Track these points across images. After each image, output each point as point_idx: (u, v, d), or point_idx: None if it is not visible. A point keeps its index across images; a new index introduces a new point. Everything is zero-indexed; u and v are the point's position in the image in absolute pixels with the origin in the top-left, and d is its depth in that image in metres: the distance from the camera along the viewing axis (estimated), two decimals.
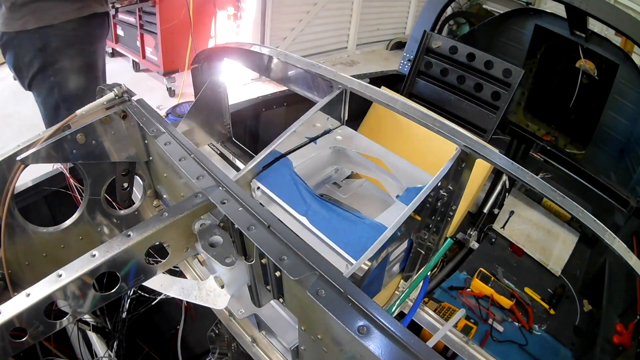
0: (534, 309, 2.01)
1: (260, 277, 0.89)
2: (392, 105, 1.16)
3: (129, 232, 0.81)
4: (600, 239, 0.98)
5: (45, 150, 1.06)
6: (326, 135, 1.36)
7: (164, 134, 1.08)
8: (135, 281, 0.86)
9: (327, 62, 6.47)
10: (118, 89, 1.17)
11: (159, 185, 1.34)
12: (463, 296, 1.98)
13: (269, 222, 0.83)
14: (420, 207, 1.00)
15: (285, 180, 1.18)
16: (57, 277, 0.74)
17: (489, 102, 2.38)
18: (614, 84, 2.59)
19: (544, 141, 2.63)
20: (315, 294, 0.70)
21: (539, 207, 2.63)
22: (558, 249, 2.40)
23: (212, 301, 0.94)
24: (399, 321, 0.70)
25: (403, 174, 1.27)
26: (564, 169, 2.45)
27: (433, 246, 1.20)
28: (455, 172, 1.05)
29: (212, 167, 0.96)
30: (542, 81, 3.11)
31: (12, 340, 0.72)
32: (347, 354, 0.72)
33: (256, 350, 1.17)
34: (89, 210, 1.29)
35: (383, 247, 0.92)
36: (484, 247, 2.33)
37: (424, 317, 1.32)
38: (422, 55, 2.60)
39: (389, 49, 7.53)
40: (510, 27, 3.02)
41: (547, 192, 0.98)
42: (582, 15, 2.38)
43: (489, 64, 2.35)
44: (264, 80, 5.26)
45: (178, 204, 0.87)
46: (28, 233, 1.19)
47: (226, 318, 1.23)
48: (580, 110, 2.96)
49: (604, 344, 1.65)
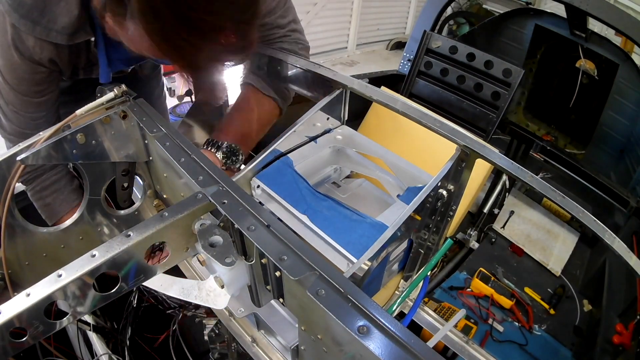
0: (534, 309, 2.01)
1: (260, 277, 0.89)
2: (392, 105, 1.16)
3: (129, 232, 0.81)
4: (600, 239, 0.98)
5: (45, 150, 1.06)
6: (326, 134, 1.36)
7: (164, 134, 1.08)
8: (135, 281, 0.86)
9: (327, 62, 6.46)
10: (118, 88, 1.17)
11: (159, 185, 1.34)
12: (463, 296, 1.98)
13: (269, 222, 0.83)
14: (420, 207, 1.00)
15: (285, 178, 1.17)
16: (57, 277, 0.74)
17: (489, 102, 2.38)
18: (614, 84, 2.59)
19: (544, 141, 2.63)
20: (315, 293, 0.70)
21: (539, 207, 2.63)
22: (558, 249, 2.40)
23: (212, 301, 0.94)
24: (399, 321, 0.70)
25: (403, 173, 1.26)
26: (564, 169, 2.45)
27: (433, 246, 1.20)
28: (455, 172, 1.05)
29: (212, 167, 0.96)
30: (542, 81, 3.12)
31: (12, 340, 0.72)
32: (347, 354, 0.72)
33: (256, 350, 1.17)
34: (89, 210, 1.29)
35: (383, 247, 0.92)
36: (484, 247, 2.33)
37: (424, 317, 1.32)
38: (422, 55, 2.60)
39: (389, 49, 7.52)
40: (510, 27, 3.02)
41: (547, 192, 0.98)
42: (582, 15, 2.38)
43: (489, 64, 2.35)
44: None
45: (178, 204, 0.87)
46: (28, 233, 1.19)
47: (226, 318, 1.23)
48: (580, 110, 2.96)
49: (604, 344, 1.65)
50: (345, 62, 6.79)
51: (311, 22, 6.12)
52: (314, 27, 6.22)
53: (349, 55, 7.05)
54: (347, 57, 6.99)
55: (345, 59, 6.92)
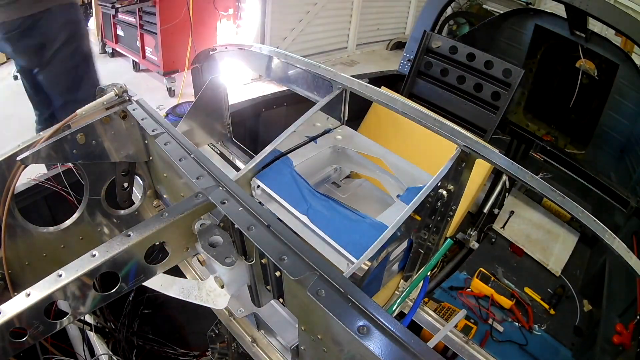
0: (534, 309, 2.01)
1: (260, 277, 0.89)
2: (392, 105, 1.16)
3: (129, 232, 0.81)
4: (600, 239, 0.98)
5: (45, 150, 1.06)
6: (326, 134, 1.36)
7: (164, 134, 1.08)
8: (135, 281, 0.86)
9: (327, 62, 6.47)
10: (118, 88, 1.17)
11: (159, 185, 1.34)
12: (463, 296, 1.98)
13: (269, 222, 0.83)
14: (420, 207, 1.00)
15: (285, 178, 1.17)
16: (57, 277, 0.74)
17: (489, 102, 2.38)
18: (614, 84, 2.59)
19: (544, 141, 2.63)
20: (315, 294, 0.70)
21: (539, 207, 2.63)
22: (558, 249, 2.40)
23: (212, 301, 0.94)
24: (399, 321, 0.70)
25: (403, 173, 1.26)
26: (564, 169, 2.45)
27: (433, 246, 1.20)
28: (455, 172, 1.05)
29: (212, 167, 0.96)
30: (542, 81, 3.11)
31: (12, 340, 0.72)
32: (347, 354, 0.72)
33: (256, 350, 1.17)
34: (89, 211, 1.29)
35: (383, 247, 0.92)
36: (484, 247, 2.33)
37: (424, 317, 1.32)
38: (422, 55, 2.60)
39: (389, 49, 7.52)
40: (510, 27, 3.02)
41: (547, 192, 0.98)
42: (582, 15, 2.38)
43: (489, 64, 2.35)
44: (264, 80, 5.26)
45: (178, 204, 0.87)
46: (28, 233, 1.20)
47: (226, 318, 1.23)
48: (580, 110, 2.95)
49: (604, 344, 1.65)
50: (345, 62, 6.79)
51: (311, 22, 6.12)
52: (314, 27, 6.22)
53: (349, 55, 7.04)
54: (347, 57, 6.99)
55: (345, 59, 6.92)
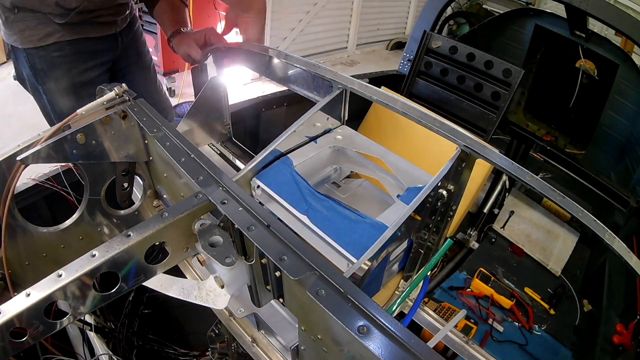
0: (534, 309, 2.01)
1: (260, 277, 0.89)
2: (392, 105, 1.16)
3: (129, 232, 0.81)
4: (600, 239, 0.98)
5: (45, 150, 1.06)
6: (326, 134, 1.36)
7: (164, 134, 1.08)
8: (135, 281, 0.86)
9: (327, 62, 6.47)
10: (118, 88, 1.17)
11: (159, 185, 1.34)
12: (463, 296, 1.98)
13: (269, 222, 0.83)
14: (420, 207, 1.00)
15: (285, 178, 1.17)
16: (57, 277, 0.74)
17: (489, 102, 2.38)
18: (614, 84, 2.59)
19: (544, 141, 2.63)
20: (315, 294, 0.70)
21: (539, 207, 2.63)
22: (558, 249, 2.40)
23: (212, 301, 0.94)
24: (399, 321, 0.70)
25: (403, 173, 1.26)
26: (564, 169, 2.45)
27: (433, 246, 1.20)
28: (455, 172, 1.05)
29: (212, 167, 0.96)
30: (542, 81, 3.11)
31: (12, 340, 0.72)
32: (347, 354, 0.72)
33: (256, 350, 1.17)
34: (89, 211, 1.29)
35: (384, 247, 0.92)
36: (484, 247, 2.33)
37: (424, 317, 1.32)
38: (422, 55, 2.60)
39: (389, 49, 7.53)
40: (510, 27, 3.02)
41: (547, 192, 0.98)
42: (582, 15, 2.38)
43: (489, 64, 2.35)
44: (264, 80, 5.26)
45: (178, 204, 0.87)
46: (28, 233, 1.20)
47: (226, 318, 1.23)
48: (580, 110, 2.95)
49: (604, 344, 1.65)
50: (345, 62, 6.79)
51: (311, 22, 6.13)
52: (314, 27, 6.22)
53: (349, 55, 7.05)
54: (347, 57, 6.99)
55: (345, 59, 6.92)
